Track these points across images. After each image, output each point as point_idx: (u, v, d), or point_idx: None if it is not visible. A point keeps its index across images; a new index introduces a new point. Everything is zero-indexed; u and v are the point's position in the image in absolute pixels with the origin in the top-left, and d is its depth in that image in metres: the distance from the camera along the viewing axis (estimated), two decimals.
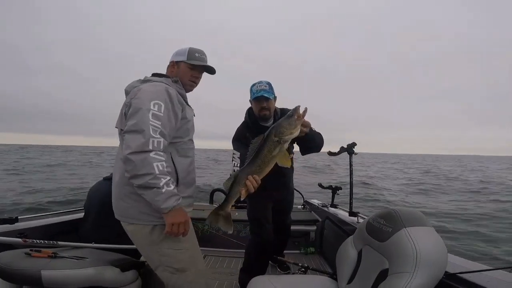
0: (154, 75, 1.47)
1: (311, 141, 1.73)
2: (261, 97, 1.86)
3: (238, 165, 1.86)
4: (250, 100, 1.98)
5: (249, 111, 2.06)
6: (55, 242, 1.72)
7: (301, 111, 1.33)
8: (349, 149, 2.43)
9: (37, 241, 1.69)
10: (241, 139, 1.99)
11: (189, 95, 1.53)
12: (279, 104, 2.07)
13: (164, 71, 1.52)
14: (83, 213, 2.14)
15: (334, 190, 3.13)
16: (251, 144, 1.38)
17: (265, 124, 2.01)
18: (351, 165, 2.49)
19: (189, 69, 1.47)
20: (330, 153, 2.56)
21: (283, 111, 2.03)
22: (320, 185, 3.28)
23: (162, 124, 1.23)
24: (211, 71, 1.55)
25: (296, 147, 1.97)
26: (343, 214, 2.70)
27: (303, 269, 1.96)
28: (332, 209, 3.01)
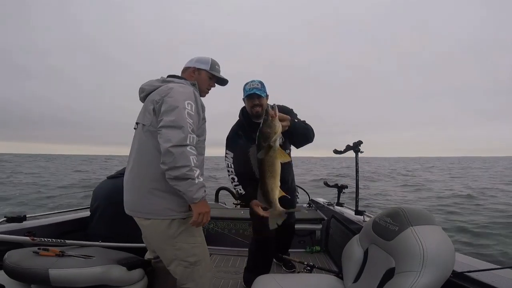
0: (171, 76, 1.55)
1: (295, 133, 1.78)
2: (254, 94, 1.91)
3: (231, 165, 2.00)
4: (243, 98, 2.03)
5: (243, 110, 2.11)
6: (62, 240, 1.74)
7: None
8: (355, 147, 2.42)
9: (45, 239, 1.71)
10: (234, 137, 2.06)
11: None
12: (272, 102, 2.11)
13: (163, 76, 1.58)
14: (89, 213, 2.17)
15: (340, 188, 3.11)
16: (251, 156, 1.50)
17: (258, 121, 2.03)
18: (357, 163, 2.47)
19: (208, 78, 1.61)
20: (336, 152, 2.55)
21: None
22: (325, 183, 3.26)
23: (194, 123, 1.34)
24: (224, 83, 1.69)
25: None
26: (349, 212, 2.68)
27: (308, 268, 1.96)
28: (338, 208, 2.99)
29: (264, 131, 1.40)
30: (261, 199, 1.54)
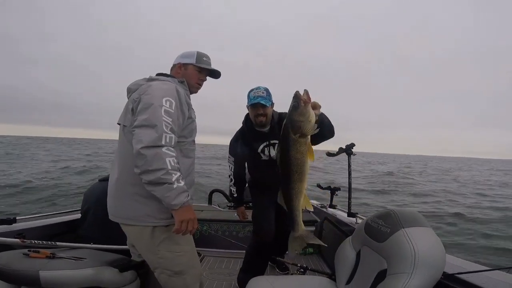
0: (159, 74, 1.47)
1: (322, 125, 1.48)
2: (258, 103, 1.85)
3: (232, 167, 2.06)
4: (247, 106, 1.97)
5: (247, 117, 2.07)
6: (53, 242, 1.71)
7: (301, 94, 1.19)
8: (348, 149, 2.44)
9: (35, 241, 1.68)
10: (234, 144, 2.09)
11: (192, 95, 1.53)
12: (277, 108, 2.07)
13: (166, 68, 1.52)
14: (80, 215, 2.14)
15: (333, 191, 3.13)
16: (276, 155, 1.29)
17: (260, 130, 2.01)
18: (349, 165, 2.50)
19: (197, 72, 1.49)
20: (329, 154, 2.57)
21: (282, 116, 2.00)
22: (318, 185, 3.28)
23: (173, 121, 1.22)
24: (216, 75, 1.58)
25: None
26: (341, 214, 2.70)
27: (301, 270, 1.97)
28: (330, 210, 3.01)
29: (295, 119, 1.15)
30: (282, 203, 1.33)
